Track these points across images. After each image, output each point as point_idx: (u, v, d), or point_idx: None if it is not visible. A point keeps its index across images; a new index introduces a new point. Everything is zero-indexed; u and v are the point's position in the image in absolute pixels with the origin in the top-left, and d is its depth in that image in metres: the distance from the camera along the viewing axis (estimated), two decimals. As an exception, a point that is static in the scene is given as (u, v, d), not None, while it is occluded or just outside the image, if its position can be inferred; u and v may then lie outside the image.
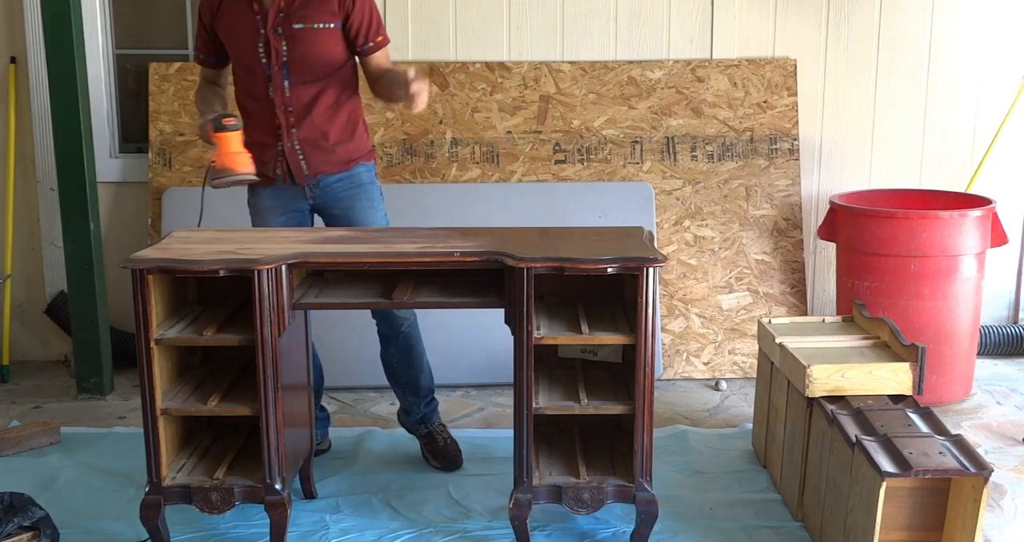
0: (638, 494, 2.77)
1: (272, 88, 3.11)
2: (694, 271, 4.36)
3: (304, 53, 3.09)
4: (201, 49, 3.25)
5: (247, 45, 3.10)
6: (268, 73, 3.10)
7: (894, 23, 4.45)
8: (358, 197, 3.23)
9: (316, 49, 3.10)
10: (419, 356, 3.39)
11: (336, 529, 3.00)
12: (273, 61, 3.09)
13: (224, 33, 3.15)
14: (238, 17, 3.10)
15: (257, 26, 3.08)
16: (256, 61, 3.10)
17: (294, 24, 3.07)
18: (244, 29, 3.10)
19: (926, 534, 2.67)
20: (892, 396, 2.93)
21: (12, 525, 2.71)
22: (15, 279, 4.47)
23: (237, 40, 3.12)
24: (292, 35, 3.08)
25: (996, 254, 4.32)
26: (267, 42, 3.08)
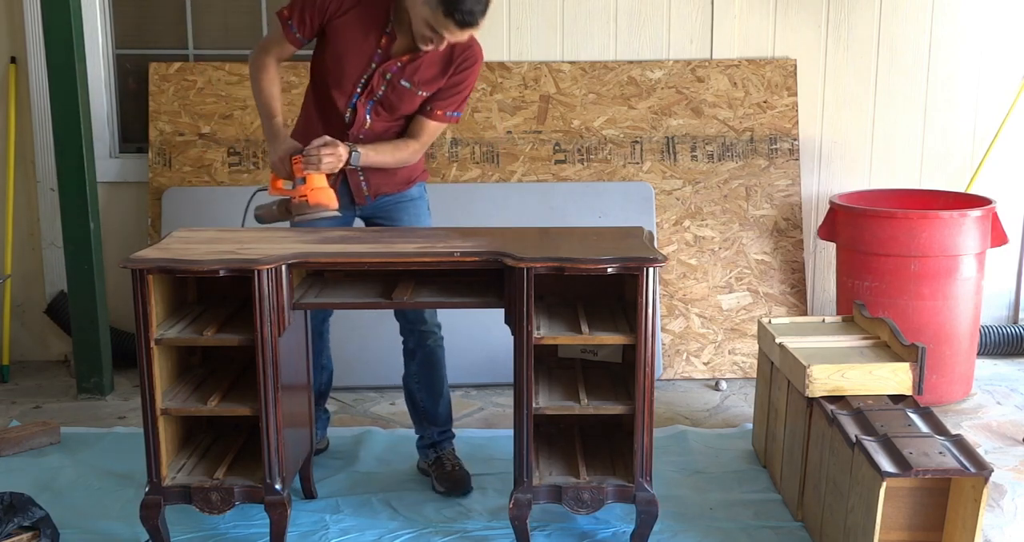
0: (638, 494, 2.77)
1: (350, 113, 3.06)
2: (694, 271, 4.36)
3: (396, 104, 3.06)
4: (298, 23, 3.01)
5: (351, 68, 3.01)
6: (354, 101, 3.05)
7: (894, 23, 4.45)
8: (406, 210, 3.24)
9: (409, 105, 3.08)
10: (439, 379, 3.31)
11: (336, 529, 3.00)
12: (364, 95, 3.04)
13: (335, 38, 3.01)
14: (359, 36, 2.99)
15: (372, 58, 3.00)
16: (351, 87, 3.04)
17: (402, 80, 3.02)
18: (357, 52, 3.00)
19: (926, 534, 2.67)
20: (892, 396, 2.93)
21: (12, 525, 2.71)
22: (15, 279, 4.47)
23: (344, 57, 3.01)
24: (395, 87, 3.03)
25: (996, 254, 4.32)
26: (371, 77, 3.02)
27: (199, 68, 4.38)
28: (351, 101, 3.05)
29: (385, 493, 3.21)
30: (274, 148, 3.00)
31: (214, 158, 4.35)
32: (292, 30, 3.03)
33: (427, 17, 2.85)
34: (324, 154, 2.90)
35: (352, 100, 3.05)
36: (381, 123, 3.09)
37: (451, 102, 3.11)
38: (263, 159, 4.34)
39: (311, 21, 3.01)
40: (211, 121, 4.36)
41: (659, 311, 4.27)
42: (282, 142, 3.00)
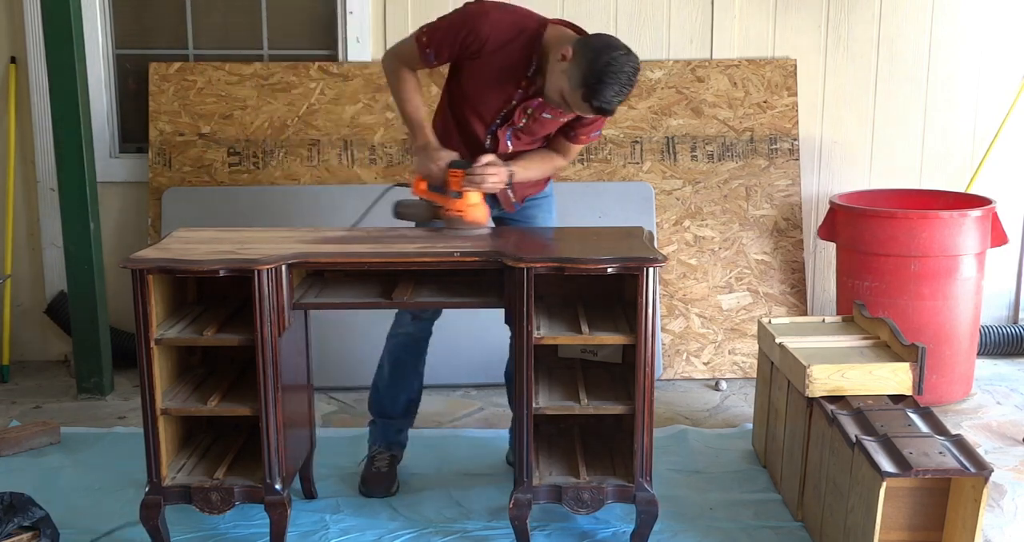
0: (638, 494, 2.77)
1: (492, 141, 3.04)
2: (694, 271, 4.36)
3: (537, 131, 3.05)
4: (437, 54, 2.94)
5: (491, 102, 2.97)
6: (494, 129, 3.02)
7: (894, 23, 4.45)
8: (541, 207, 3.26)
9: (550, 130, 3.07)
10: None
11: (336, 529, 3.00)
12: (504, 125, 3.01)
13: (474, 74, 2.95)
14: (498, 77, 2.92)
15: (512, 97, 2.94)
16: (490, 118, 3.00)
17: (544, 113, 2.97)
18: (497, 91, 2.95)
19: (926, 534, 2.67)
20: (892, 396, 2.93)
21: (12, 525, 2.71)
22: (15, 279, 4.47)
23: (484, 93, 2.97)
24: (536, 119, 3.00)
25: (996, 254, 4.32)
26: (511, 112, 2.97)
27: (199, 68, 4.38)
28: (490, 128, 3.03)
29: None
30: (430, 155, 2.95)
31: (214, 158, 4.35)
32: (429, 58, 2.97)
33: (564, 91, 2.78)
34: (489, 175, 2.89)
35: (492, 128, 3.03)
36: (522, 146, 3.08)
37: (594, 127, 3.08)
38: (263, 159, 4.34)
39: (448, 55, 2.96)
40: (211, 121, 4.36)
41: (659, 311, 4.27)
42: (438, 149, 2.96)
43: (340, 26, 4.40)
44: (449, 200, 2.95)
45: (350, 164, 4.36)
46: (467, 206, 2.94)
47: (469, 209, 2.94)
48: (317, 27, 4.49)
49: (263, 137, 4.36)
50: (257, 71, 4.39)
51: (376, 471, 3.25)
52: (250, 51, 4.48)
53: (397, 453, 3.33)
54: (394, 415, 3.33)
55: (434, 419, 3.87)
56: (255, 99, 4.37)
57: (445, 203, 2.96)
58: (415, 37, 2.98)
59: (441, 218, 2.99)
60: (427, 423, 3.82)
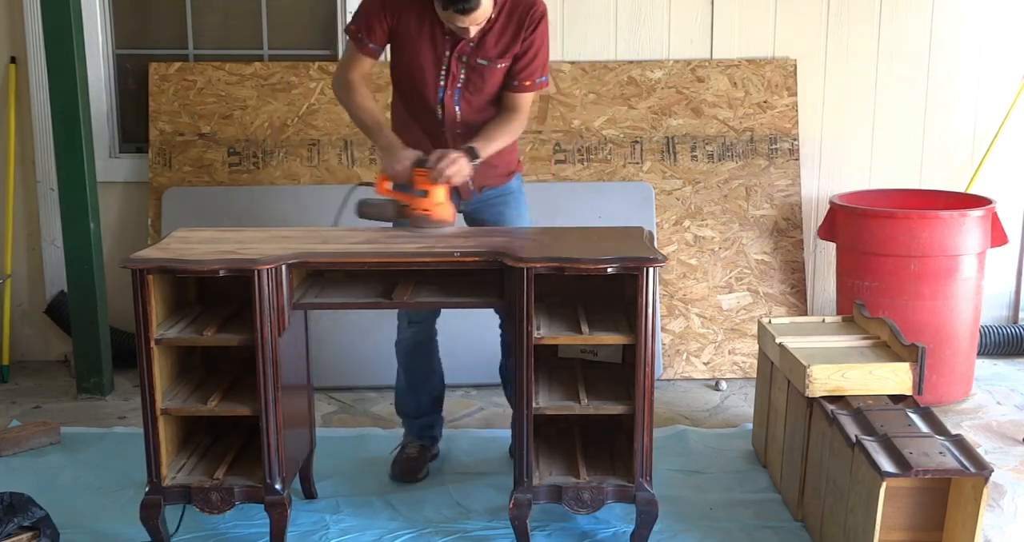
0: (638, 494, 2.77)
1: (442, 110, 3.07)
2: (694, 271, 4.36)
3: (480, 85, 3.06)
4: (369, 35, 3.04)
5: (427, 61, 3.03)
6: (441, 95, 3.06)
7: (894, 23, 4.45)
8: (508, 204, 3.25)
9: (492, 82, 3.08)
10: None
11: (336, 529, 3.00)
12: (448, 86, 3.05)
13: (405, 39, 3.03)
14: (424, 31, 3.00)
15: (443, 46, 3.01)
16: (433, 80, 3.05)
17: (479, 59, 3.02)
18: (428, 46, 3.01)
19: (926, 534, 2.67)
20: (892, 396, 2.93)
21: (12, 525, 2.71)
22: (15, 279, 4.47)
23: (418, 53, 3.02)
24: (473, 67, 3.03)
25: (996, 254, 4.32)
26: (449, 65, 3.03)
27: (199, 68, 4.38)
28: (438, 96, 3.06)
29: (385, 493, 3.21)
30: (394, 156, 2.98)
31: (214, 158, 4.35)
32: (364, 42, 3.05)
33: (439, 13, 2.90)
34: (450, 165, 2.91)
35: (439, 95, 3.05)
36: (473, 113, 3.09)
37: (534, 68, 3.08)
38: (263, 159, 4.34)
39: (379, 27, 3.02)
40: (211, 121, 4.36)
41: (659, 311, 4.26)
42: (401, 149, 2.99)
43: (340, 26, 4.40)
44: (415, 199, 2.96)
45: (350, 164, 4.36)
46: (433, 204, 2.95)
47: (435, 207, 2.96)
48: (317, 27, 4.49)
49: (263, 137, 4.36)
50: (257, 71, 4.39)
51: (406, 456, 3.31)
52: (250, 51, 4.48)
53: (427, 444, 3.38)
54: (420, 414, 3.39)
55: (434, 419, 3.87)
56: (255, 99, 4.37)
57: (411, 202, 2.97)
58: (346, 31, 3.11)
59: (407, 217, 3.00)
60: (427, 423, 3.82)
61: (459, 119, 3.09)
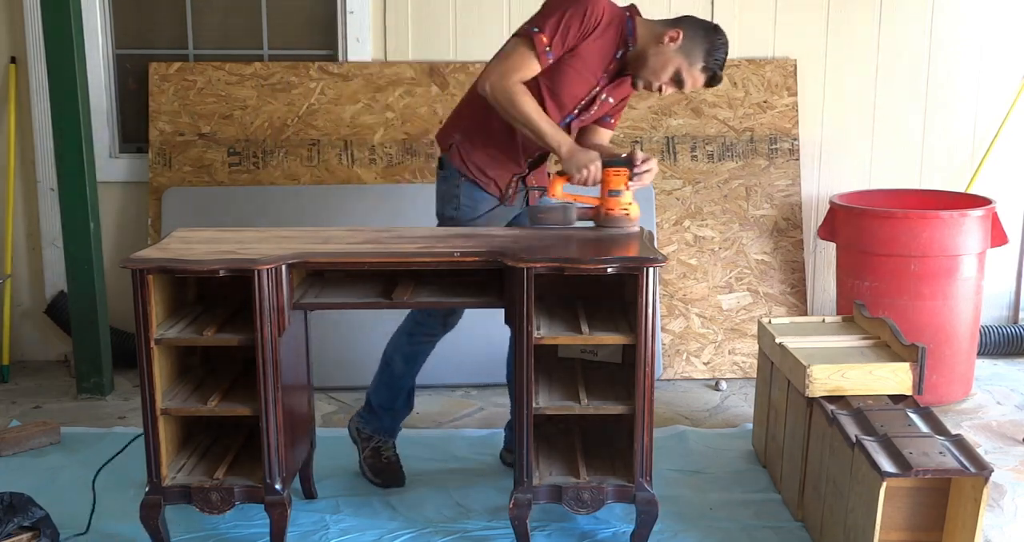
0: (638, 494, 2.77)
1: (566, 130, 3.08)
2: (694, 271, 4.36)
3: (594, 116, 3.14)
4: (557, 49, 2.93)
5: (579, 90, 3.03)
6: (569, 120, 3.09)
7: (894, 23, 4.45)
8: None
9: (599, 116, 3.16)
10: None
11: (336, 529, 3.00)
12: (579, 114, 3.10)
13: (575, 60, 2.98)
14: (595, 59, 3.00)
15: (599, 81, 3.05)
16: (571, 106, 3.06)
17: (609, 97, 3.10)
18: (589, 77, 3.02)
19: (926, 534, 2.67)
20: (892, 396, 2.93)
21: (12, 525, 2.71)
22: (15, 279, 4.47)
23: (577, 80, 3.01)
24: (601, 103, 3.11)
25: (996, 254, 4.32)
26: (592, 100, 3.07)
27: (199, 68, 4.39)
28: (565, 119, 3.07)
29: (385, 493, 3.21)
30: (581, 157, 2.94)
31: (214, 158, 4.35)
32: (548, 57, 2.94)
33: (680, 65, 2.98)
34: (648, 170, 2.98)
35: (567, 119, 3.08)
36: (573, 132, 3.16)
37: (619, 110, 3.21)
38: (263, 159, 4.35)
39: (568, 45, 2.95)
40: (211, 121, 4.37)
41: (659, 311, 4.26)
42: (584, 151, 2.98)
43: (340, 26, 4.40)
44: (608, 199, 2.97)
45: (350, 164, 4.36)
46: (630, 204, 2.97)
47: (632, 206, 2.98)
48: (317, 27, 4.49)
49: (263, 137, 4.37)
50: (257, 71, 4.39)
51: (387, 461, 3.28)
52: (250, 51, 4.48)
53: (394, 441, 3.36)
54: (397, 406, 3.35)
55: (434, 419, 3.87)
56: (255, 99, 4.37)
57: (605, 203, 2.97)
58: (527, 41, 2.92)
59: (595, 219, 2.99)
60: (427, 423, 3.82)
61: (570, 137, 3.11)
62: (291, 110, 4.37)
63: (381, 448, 3.30)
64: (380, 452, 3.30)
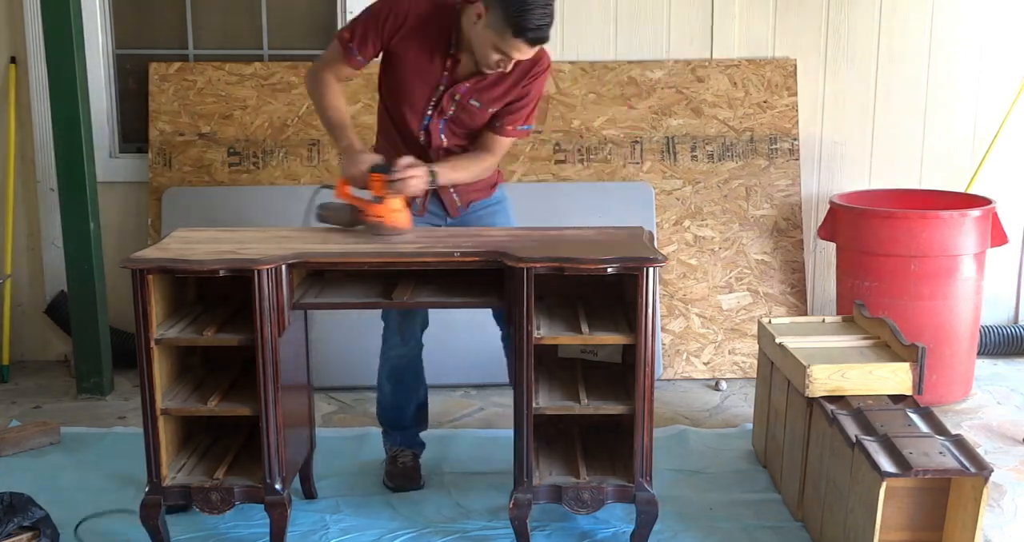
0: (638, 494, 2.77)
1: (426, 134, 3.05)
2: (694, 271, 4.36)
3: (467, 122, 3.05)
4: (361, 47, 2.97)
5: (419, 91, 2.99)
6: (427, 123, 3.04)
7: (894, 23, 4.45)
8: (496, 214, 3.23)
9: (480, 121, 3.06)
10: None
11: (336, 529, 3.00)
12: (436, 116, 3.03)
13: (400, 62, 2.98)
14: (424, 60, 2.96)
15: (439, 81, 2.98)
16: (421, 108, 3.01)
17: (471, 100, 3.00)
18: (423, 76, 2.97)
19: (926, 534, 2.67)
20: (892, 396, 2.93)
21: (12, 525, 2.71)
22: (15, 279, 4.47)
23: (411, 80, 2.99)
24: (464, 107, 3.01)
25: (996, 254, 4.32)
26: (440, 99, 2.99)
27: (199, 68, 4.38)
28: (423, 123, 3.04)
29: (385, 493, 3.22)
30: (353, 159, 2.94)
31: (214, 158, 4.35)
32: (353, 53, 2.99)
33: (493, 40, 2.81)
34: (409, 177, 2.88)
35: (424, 121, 3.04)
36: (455, 140, 3.08)
37: (520, 116, 3.07)
38: (263, 159, 4.35)
39: (373, 44, 2.98)
40: (211, 121, 4.36)
41: (659, 311, 4.26)
42: (360, 152, 2.95)
43: (340, 26, 4.40)
44: (370, 204, 2.92)
45: (350, 164, 4.35)
46: (387, 211, 2.89)
47: (390, 214, 2.89)
48: (317, 27, 4.49)
49: (263, 137, 4.37)
50: (257, 71, 4.39)
51: (403, 466, 3.27)
52: (250, 51, 4.48)
53: (418, 451, 3.36)
54: (406, 425, 3.35)
55: (434, 419, 3.86)
56: (255, 99, 4.37)
57: (366, 207, 2.93)
58: (336, 36, 3.03)
59: (362, 222, 2.95)
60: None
61: (444, 145, 3.07)
62: (291, 110, 4.37)
63: (398, 456, 3.31)
64: (396, 459, 3.30)
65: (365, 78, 4.37)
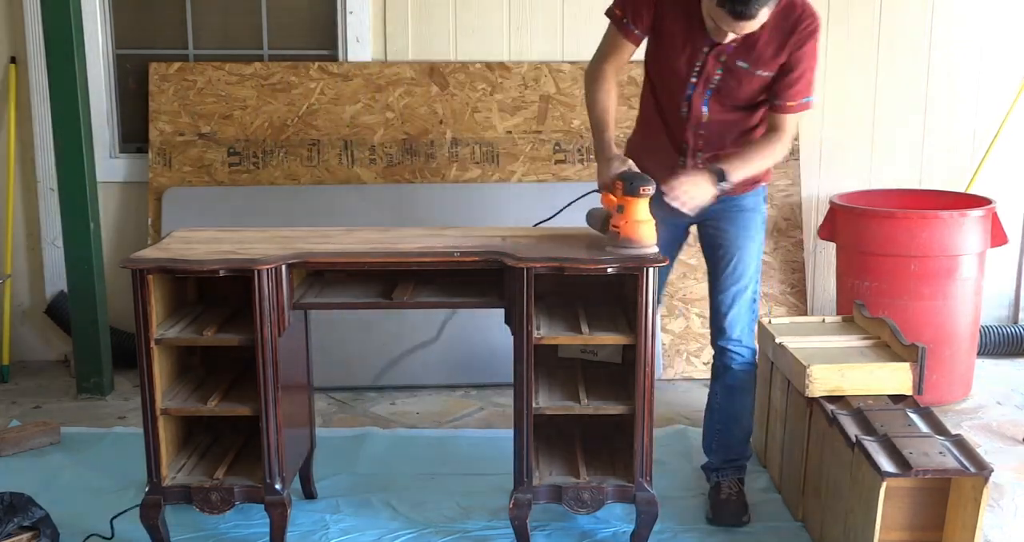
0: (638, 494, 2.77)
1: (688, 108, 2.88)
2: (694, 271, 4.36)
3: (735, 89, 2.85)
4: (635, 19, 2.84)
5: (684, 56, 2.82)
6: (690, 93, 2.86)
7: (894, 23, 4.45)
8: (735, 222, 3.00)
9: (749, 89, 2.86)
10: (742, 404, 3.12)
11: (336, 529, 3.00)
12: (700, 84, 2.85)
13: (664, 31, 2.84)
14: (686, 25, 2.80)
15: (703, 42, 2.79)
16: (685, 75, 2.85)
17: (739, 61, 2.81)
18: (688, 39, 2.81)
19: (926, 534, 2.67)
20: (892, 396, 2.93)
21: (12, 525, 2.71)
22: (15, 279, 4.47)
23: (676, 46, 2.83)
24: (731, 69, 2.82)
25: (996, 254, 4.32)
26: (704, 63, 2.81)
27: (199, 68, 4.38)
28: (686, 93, 2.87)
29: (385, 493, 3.21)
30: (603, 165, 2.82)
31: (214, 158, 4.35)
32: (629, 26, 2.86)
33: (708, 8, 2.68)
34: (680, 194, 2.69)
35: (688, 92, 2.86)
36: (720, 114, 2.89)
37: (800, 87, 2.85)
38: (263, 159, 4.35)
39: (647, 11, 2.83)
40: (211, 121, 4.36)
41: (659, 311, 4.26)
42: (611, 159, 2.80)
43: (340, 26, 4.40)
44: (615, 215, 2.72)
45: (350, 164, 4.36)
46: (624, 222, 2.67)
47: (626, 225, 2.66)
48: (317, 27, 4.49)
49: (263, 137, 4.36)
50: (257, 71, 4.39)
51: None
52: (250, 51, 4.48)
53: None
54: None
55: (434, 419, 3.87)
56: (255, 99, 4.37)
57: (613, 219, 2.73)
58: (608, 15, 2.91)
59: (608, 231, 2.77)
60: (427, 423, 3.82)
61: (705, 119, 2.90)
62: (291, 110, 4.37)
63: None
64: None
65: (365, 78, 4.37)
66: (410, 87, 4.37)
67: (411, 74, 4.37)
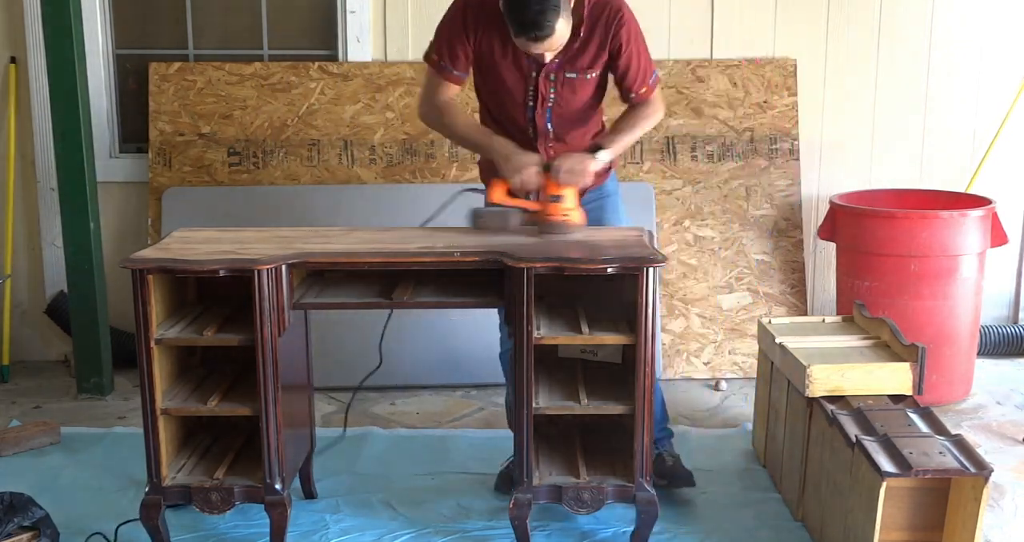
0: (638, 494, 2.77)
1: (532, 128, 3.01)
2: (694, 271, 4.36)
3: (570, 98, 2.98)
4: (452, 61, 2.96)
5: (514, 84, 2.95)
6: (531, 115, 2.99)
7: (894, 23, 4.45)
8: (604, 209, 3.15)
9: (585, 93, 2.99)
10: None
11: (336, 529, 3.00)
12: (539, 105, 2.97)
13: (486, 62, 2.95)
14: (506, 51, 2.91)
15: (530, 70, 2.93)
16: (523, 102, 2.97)
17: (567, 73, 2.93)
18: (511, 68, 2.93)
19: (926, 534, 2.67)
20: (892, 396, 2.93)
21: (12, 525, 2.71)
22: (15, 279, 4.47)
23: (503, 76, 2.95)
24: (564, 82, 2.94)
25: (996, 254, 4.32)
26: (536, 86, 2.94)
27: (199, 68, 4.39)
28: (528, 116, 2.99)
29: (385, 493, 3.21)
30: (517, 162, 2.87)
31: (214, 158, 4.35)
32: (447, 70, 2.97)
33: (514, 38, 2.80)
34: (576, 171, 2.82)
35: (528, 114, 2.99)
36: (566, 124, 3.02)
37: (639, 74, 3.00)
38: (263, 159, 4.35)
39: (463, 52, 2.95)
40: (211, 121, 4.37)
41: (659, 311, 4.26)
42: (522, 155, 2.89)
43: (340, 26, 4.40)
44: (547, 205, 2.86)
45: (350, 164, 4.36)
46: (569, 209, 2.84)
47: (572, 212, 2.85)
48: (317, 27, 4.49)
49: (263, 137, 4.37)
50: (257, 71, 4.39)
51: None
52: (250, 51, 4.48)
53: None
54: None
55: (434, 419, 3.87)
56: (255, 99, 4.37)
57: (544, 208, 2.86)
58: (426, 60, 3.03)
59: (536, 224, 2.88)
60: (427, 423, 3.82)
61: (551, 135, 3.03)
62: (291, 110, 4.37)
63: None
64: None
65: (365, 78, 4.37)
66: (410, 87, 4.37)
67: (411, 74, 4.37)
